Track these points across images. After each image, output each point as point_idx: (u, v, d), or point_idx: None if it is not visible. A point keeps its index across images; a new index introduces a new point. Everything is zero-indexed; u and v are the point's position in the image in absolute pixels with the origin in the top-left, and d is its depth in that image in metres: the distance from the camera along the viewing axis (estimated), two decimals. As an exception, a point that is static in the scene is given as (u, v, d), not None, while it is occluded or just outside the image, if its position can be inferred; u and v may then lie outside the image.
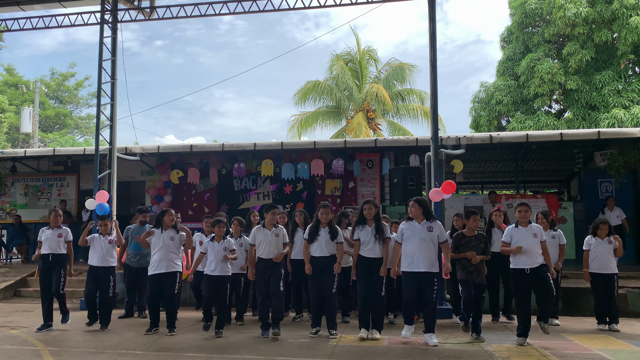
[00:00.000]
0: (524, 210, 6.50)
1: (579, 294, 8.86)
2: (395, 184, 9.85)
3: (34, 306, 9.66)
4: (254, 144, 11.89)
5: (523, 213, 6.51)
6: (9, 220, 14.39)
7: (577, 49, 17.87)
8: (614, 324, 7.34)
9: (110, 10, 10.73)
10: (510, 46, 20.76)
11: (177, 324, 7.69)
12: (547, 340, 6.52)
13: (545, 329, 6.49)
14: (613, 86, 17.41)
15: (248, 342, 6.60)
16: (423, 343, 6.42)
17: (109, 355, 5.95)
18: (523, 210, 6.51)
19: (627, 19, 16.74)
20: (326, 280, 6.81)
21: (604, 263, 7.42)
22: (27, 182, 14.81)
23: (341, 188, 13.10)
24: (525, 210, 6.50)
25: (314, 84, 23.70)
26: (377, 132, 23.25)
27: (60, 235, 7.58)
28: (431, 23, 9.24)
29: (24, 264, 13.37)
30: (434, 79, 9.07)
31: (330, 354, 5.93)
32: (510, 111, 19.57)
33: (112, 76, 10.64)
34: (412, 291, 6.45)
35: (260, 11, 10.62)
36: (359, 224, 6.74)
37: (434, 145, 9.12)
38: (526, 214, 6.50)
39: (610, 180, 12.42)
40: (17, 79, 34.20)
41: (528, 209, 6.52)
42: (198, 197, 13.83)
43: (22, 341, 6.77)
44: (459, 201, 12.60)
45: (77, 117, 37.31)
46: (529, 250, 6.39)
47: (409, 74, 23.79)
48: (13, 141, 31.05)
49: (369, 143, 12.20)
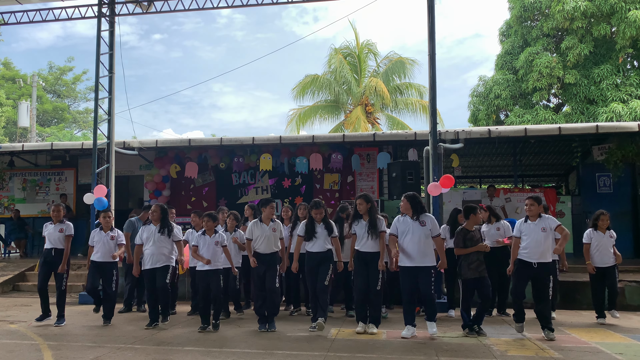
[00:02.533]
0: (530, 203, 6.49)
1: (576, 287, 8.89)
2: (393, 178, 9.84)
3: (32, 300, 9.66)
4: (253, 138, 11.88)
5: (529, 207, 6.50)
6: (7, 215, 14.37)
7: (575, 43, 17.85)
8: (614, 310, 7.41)
9: (107, 4, 10.68)
10: (508, 40, 20.72)
11: (176, 318, 7.74)
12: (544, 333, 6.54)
13: (551, 336, 6.34)
14: (611, 80, 17.40)
15: (246, 336, 6.61)
16: (423, 337, 6.44)
17: (107, 349, 5.96)
18: (529, 204, 6.50)
19: (625, 12, 16.70)
20: (320, 273, 6.87)
21: (605, 256, 7.45)
22: (25, 176, 14.78)
23: (340, 182, 13.10)
24: (531, 204, 6.49)
25: (313, 78, 23.66)
26: (376, 126, 23.23)
27: (61, 230, 7.60)
28: (430, 17, 9.21)
29: (22, 259, 13.36)
30: (433, 73, 9.06)
31: (329, 348, 5.94)
32: (508, 105, 19.56)
33: (110, 70, 10.61)
34: (410, 286, 6.48)
35: (259, 4, 10.57)
36: (355, 218, 6.81)
37: (433, 140, 9.12)
38: (532, 207, 6.48)
39: (608, 174, 12.43)
40: (14, 73, 34.06)
41: (534, 203, 6.48)
42: (196, 191, 13.82)
43: (21, 335, 6.78)
44: (457, 195, 12.60)
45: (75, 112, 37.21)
46: (537, 245, 6.38)
47: (408, 68, 23.73)
48: (11, 135, 30.97)
49: (368, 137, 12.18)
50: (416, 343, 6.20)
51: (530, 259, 6.40)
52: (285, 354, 5.69)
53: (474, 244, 6.64)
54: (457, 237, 6.80)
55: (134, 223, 8.62)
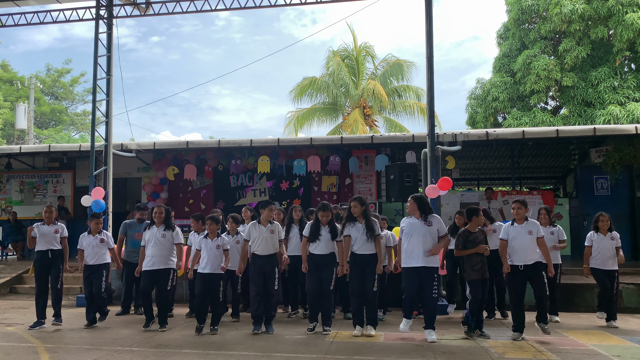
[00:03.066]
0: (517, 207, 6.59)
1: (574, 290, 8.90)
2: (391, 180, 9.85)
3: (30, 303, 9.63)
4: (251, 141, 11.89)
5: (516, 210, 6.59)
6: (4, 217, 14.34)
7: (573, 45, 17.90)
8: (612, 321, 7.37)
9: (105, 6, 10.68)
10: (506, 43, 20.77)
11: (174, 321, 7.70)
12: (542, 336, 6.54)
13: (545, 329, 6.45)
14: (609, 83, 17.44)
15: (244, 339, 6.60)
16: (420, 339, 6.44)
17: (105, 352, 5.94)
18: (516, 208, 6.59)
19: (622, 15, 16.75)
20: (325, 277, 6.83)
21: (606, 260, 7.39)
22: (22, 178, 14.75)
23: (337, 184, 13.11)
24: (519, 207, 6.57)
25: (311, 81, 23.68)
26: (374, 128, 23.23)
27: (56, 231, 7.57)
28: (428, 19, 9.23)
29: (19, 261, 13.32)
30: (431, 75, 9.06)
31: (327, 350, 5.93)
32: (506, 108, 19.60)
33: (108, 72, 10.60)
34: (413, 286, 6.46)
35: (257, 7, 10.57)
36: (349, 220, 6.76)
37: (430, 142, 9.13)
38: (519, 211, 6.56)
39: (605, 177, 12.46)
40: (12, 75, 34.01)
41: (522, 206, 6.56)
42: (194, 193, 13.81)
43: (18, 338, 6.76)
44: (455, 198, 12.61)
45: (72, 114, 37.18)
46: (523, 247, 6.44)
47: (406, 71, 23.75)
48: (8, 137, 30.92)
49: (366, 139, 12.19)
50: (414, 345, 6.20)
51: (517, 262, 6.46)
52: (283, 357, 5.68)
53: (475, 246, 6.66)
54: (458, 239, 6.81)
55: (128, 225, 8.62)
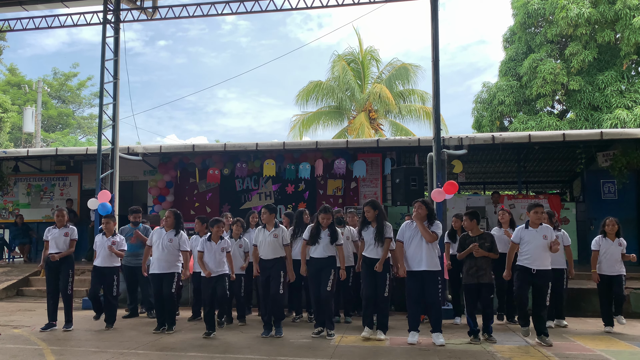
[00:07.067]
0: (541, 211, 6.51)
1: (581, 295, 8.84)
2: (397, 184, 9.83)
3: (36, 305, 9.69)
4: (256, 144, 11.90)
5: (539, 214, 6.50)
6: (11, 220, 14.43)
7: (579, 49, 17.84)
8: (620, 316, 7.36)
9: (112, 10, 10.74)
10: (512, 46, 20.72)
11: (179, 324, 7.70)
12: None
13: (547, 341, 6.36)
14: (616, 87, 17.37)
15: (250, 342, 6.60)
16: (426, 344, 6.41)
17: (110, 355, 5.96)
18: (540, 212, 6.51)
19: (630, 19, 16.70)
20: (323, 280, 6.83)
21: (612, 265, 7.35)
22: (29, 181, 14.83)
23: (343, 188, 13.09)
24: (542, 212, 6.52)
25: (316, 84, 23.70)
26: (379, 132, 23.22)
27: (67, 234, 7.62)
28: (433, 23, 9.23)
29: (26, 264, 13.38)
30: (436, 79, 9.06)
31: (332, 354, 5.92)
32: (512, 112, 19.54)
33: (115, 76, 10.65)
34: (416, 291, 6.46)
35: (263, 11, 10.61)
36: (364, 225, 6.82)
37: (436, 146, 9.11)
38: (542, 215, 6.52)
39: (613, 181, 12.38)
40: (19, 78, 34.28)
41: (544, 211, 6.53)
42: (200, 197, 13.83)
43: (24, 340, 6.79)
44: (461, 202, 12.58)
45: (79, 117, 37.40)
46: (538, 251, 6.40)
47: (412, 75, 23.73)
48: (16, 141, 31.12)
49: (371, 143, 12.17)
50: (420, 350, 6.17)
51: (531, 265, 6.43)
52: (288, 360, 5.68)
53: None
54: (458, 244, 6.83)
55: (121, 231, 8.65)
